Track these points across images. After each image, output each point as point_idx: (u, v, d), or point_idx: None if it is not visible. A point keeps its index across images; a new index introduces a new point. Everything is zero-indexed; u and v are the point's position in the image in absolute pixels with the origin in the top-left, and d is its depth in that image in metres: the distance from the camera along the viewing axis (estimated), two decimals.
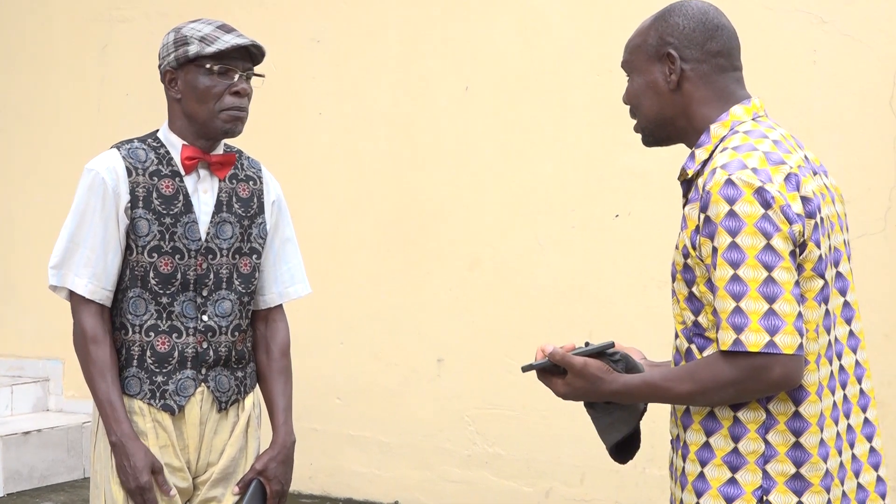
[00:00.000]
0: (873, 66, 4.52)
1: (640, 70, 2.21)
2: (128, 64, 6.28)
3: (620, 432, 2.21)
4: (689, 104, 2.17)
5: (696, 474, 2.08)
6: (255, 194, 2.93)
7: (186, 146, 2.82)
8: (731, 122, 2.14)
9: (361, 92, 5.61)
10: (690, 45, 2.16)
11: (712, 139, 2.13)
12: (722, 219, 1.98)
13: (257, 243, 2.92)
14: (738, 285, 1.96)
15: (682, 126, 2.19)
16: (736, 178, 1.99)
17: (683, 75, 2.16)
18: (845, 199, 4.52)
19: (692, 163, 2.15)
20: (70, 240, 2.79)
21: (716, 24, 2.19)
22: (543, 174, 5.15)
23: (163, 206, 2.79)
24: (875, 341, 4.54)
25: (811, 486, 2.02)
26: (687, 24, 2.17)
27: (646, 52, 2.20)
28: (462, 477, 5.35)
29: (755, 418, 2.03)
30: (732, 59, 2.20)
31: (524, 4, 5.21)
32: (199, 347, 2.82)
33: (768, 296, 1.95)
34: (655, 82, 2.19)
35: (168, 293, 2.79)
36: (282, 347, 3.00)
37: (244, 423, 2.92)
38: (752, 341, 1.94)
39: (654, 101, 2.20)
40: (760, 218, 1.96)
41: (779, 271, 1.96)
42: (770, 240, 1.96)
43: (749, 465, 2.03)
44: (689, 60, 2.16)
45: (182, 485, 2.83)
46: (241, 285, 2.88)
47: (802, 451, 2.02)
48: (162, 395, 2.79)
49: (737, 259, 1.96)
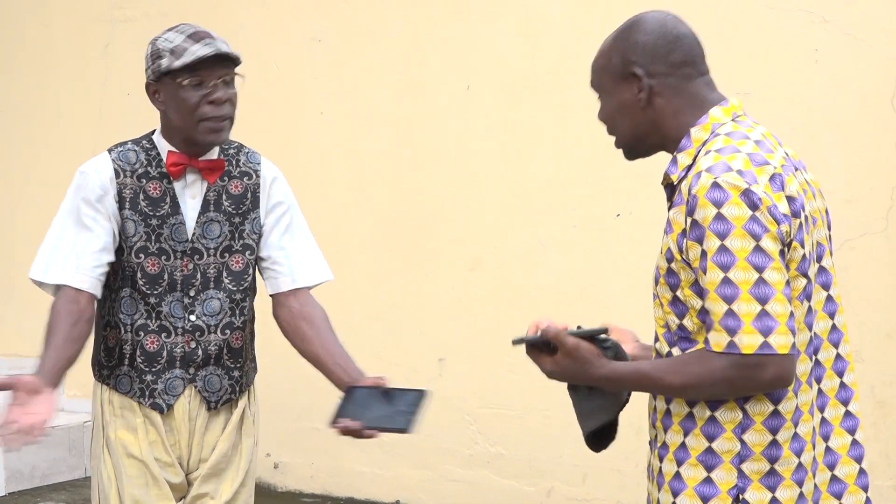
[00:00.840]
0: (875, 65, 4.52)
1: (609, 91, 2.22)
2: (129, 64, 6.27)
3: (599, 420, 2.19)
4: (662, 118, 2.17)
5: (672, 474, 2.09)
6: (250, 189, 2.91)
7: (172, 152, 2.82)
8: (712, 125, 2.14)
9: (362, 92, 5.61)
10: (654, 61, 2.16)
11: (693, 143, 2.13)
12: (710, 222, 1.98)
13: (251, 239, 2.90)
14: (730, 288, 1.96)
15: (660, 139, 2.20)
16: (722, 181, 1.99)
17: (652, 91, 2.16)
18: (847, 199, 4.56)
19: (675, 168, 2.15)
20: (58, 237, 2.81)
21: (675, 34, 2.18)
22: (544, 174, 5.15)
23: (149, 208, 2.80)
24: (876, 341, 4.54)
25: (783, 481, 2.03)
26: (647, 39, 2.17)
27: (611, 72, 2.21)
28: (463, 476, 5.35)
29: (732, 418, 2.04)
30: (697, 65, 2.19)
31: (525, 4, 5.21)
32: (186, 347, 2.82)
33: (760, 297, 1.95)
34: (626, 102, 2.19)
35: (156, 293, 2.80)
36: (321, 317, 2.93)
37: (237, 420, 2.92)
38: (746, 343, 1.95)
39: (627, 119, 2.20)
40: (748, 220, 1.97)
41: (769, 272, 1.96)
42: (759, 241, 1.97)
43: (724, 465, 2.04)
44: (656, 75, 2.16)
45: (174, 480, 2.84)
46: (231, 283, 2.87)
47: (777, 447, 2.04)
48: (151, 394, 2.81)
49: (727, 262, 1.96)
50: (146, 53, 2.81)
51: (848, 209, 4.55)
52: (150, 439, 2.81)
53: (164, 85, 2.77)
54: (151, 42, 2.80)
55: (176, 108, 2.76)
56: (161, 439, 2.82)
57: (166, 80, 2.75)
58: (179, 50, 2.73)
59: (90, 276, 2.77)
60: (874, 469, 4.61)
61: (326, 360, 2.86)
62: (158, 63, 2.75)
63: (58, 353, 2.64)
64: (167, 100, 2.78)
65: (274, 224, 2.93)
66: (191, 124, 2.76)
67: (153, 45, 2.79)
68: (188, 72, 2.72)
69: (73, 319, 2.71)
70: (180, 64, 2.71)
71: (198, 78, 2.73)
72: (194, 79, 2.73)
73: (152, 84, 2.80)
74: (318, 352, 2.88)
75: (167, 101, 2.78)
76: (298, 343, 2.92)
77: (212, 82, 2.74)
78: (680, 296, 2.08)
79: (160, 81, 2.77)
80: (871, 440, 4.55)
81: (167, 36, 2.78)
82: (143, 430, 2.81)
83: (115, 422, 2.82)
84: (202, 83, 2.73)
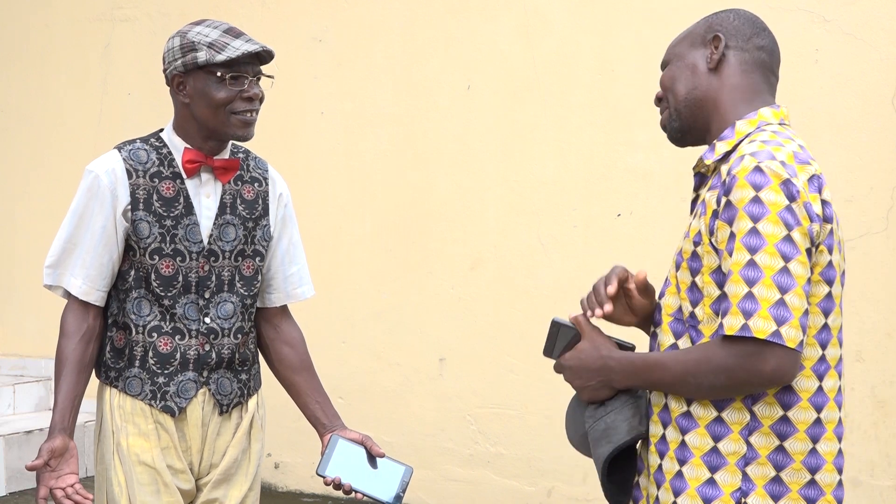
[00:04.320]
0: (875, 65, 4.52)
1: (681, 56, 2.23)
2: (130, 64, 6.28)
3: (613, 443, 2.13)
4: (721, 88, 2.17)
5: (674, 472, 2.07)
6: (261, 196, 2.91)
7: (189, 149, 2.80)
8: (759, 122, 2.14)
9: (363, 91, 5.61)
10: (738, 35, 2.19)
11: (736, 135, 2.12)
12: (746, 204, 1.96)
13: (261, 245, 2.90)
14: (754, 271, 1.93)
15: (709, 112, 2.18)
16: (765, 166, 1.97)
17: (724, 59, 2.18)
18: (847, 199, 4.56)
19: (711, 153, 2.14)
20: (67, 240, 2.78)
21: (764, 27, 2.22)
22: (545, 174, 5.15)
23: (163, 208, 2.77)
24: (876, 340, 4.54)
25: (789, 492, 2.01)
26: (737, 18, 2.21)
27: (691, 40, 2.23)
28: (464, 476, 5.35)
29: (739, 419, 2.02)
30: (773, 62, 2.22)
31: (526, 4, 5.21)
32: (201, 350, 2.81)
33: (782, 286, 1.93)
34: (695, 63, 2.20)
35: (170, 295, 2.78)
36: (303, 343, 3.01)
37: (247, 425, 2.91)
38: (759, 327, 1.92)
39: (689, 80, 2.20)
40: (784, 209, 1.95)
41: (795, 264, 1.94)
42: (791, 231, 1.94)
43: (729, 466, 2.01)
44: (734, 47, 2.18)
45: (185, 486, 2.83)
46: (242, 288, 2.87)
47: (785, 455, 2.01)
48: (163, 397, 2.78)
49: (756, 245, 1.94)
50: (172, 46, 2.77)
51: (848, 209, 4.55)
52: (163, 445, 2.79)
53: (195, 78, 2.74)
54: (180, 35, 2.77)
55: (207, 101, 2.74)
56: (174, 445, 2.80)
57: (199, 73, 2.73)
58: (220, 44, 2.72)
59: (97, 288, 2.77)
60: (874, 469, 4.62)
61: (308, 394, 2.97)
62: (193, 55, 2.72)
63: (73, 390, 2.73)
64: (195, 93, 2.75)
65: (278, 240, 2.96)
66: (222, 118, 2.74)
67: (184, 38, 2.75)
68: (228, 66, 2.72)
69: (85, 341, 2.76)
70: (223, 58, 2.70)
71: (237, 73, 2.73)
72: (234, 73, 2.73)
73: (179, 76, 2.77)
74: (299, 383, 2.98)
75: (195, 94, 2.75)
76: (277, 365, 3.00)
77: (248, 79, 2.75)
78: (698, 282, 2.06)
79: (191, 74, 2.75)
80: (871, 440, 4.55)
81: (199, 30, 2.76)
82: (154, 436, 2.78)
83: (126, 427, 2.79)
84: (239, 78, 2.74)
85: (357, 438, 2.84)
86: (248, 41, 2.75)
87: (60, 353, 2.76)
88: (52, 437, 2.68)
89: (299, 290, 3.00)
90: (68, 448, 2.68)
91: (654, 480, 2.11)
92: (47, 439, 2.68)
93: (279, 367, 2.99)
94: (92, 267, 2.76)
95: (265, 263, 2.94)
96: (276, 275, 2.96)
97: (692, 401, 2.06)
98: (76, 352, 2.75)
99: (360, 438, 2.84)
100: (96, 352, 2.80)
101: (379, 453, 2.81)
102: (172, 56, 2.77)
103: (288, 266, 2.97)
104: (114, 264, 2.78)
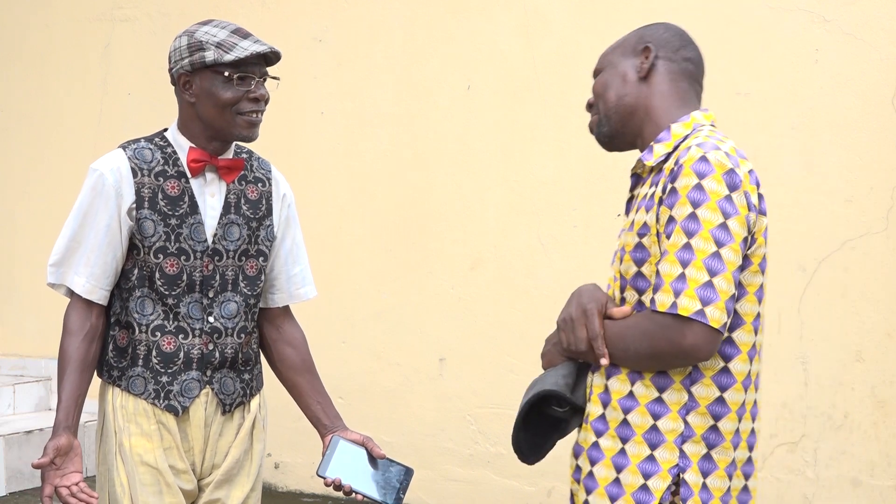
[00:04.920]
0: (875, 65, 4.52)
1: (612, 64, 2.35)
2: (130, 63, 6.28)
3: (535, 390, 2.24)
4: (652, 96, 2.28)
5: (616, 450, 2.17)
6: (264, 196, 2.91)
7: (193, 149, 2.80)
8: (693, 124, 2.24)
9: (363, 91, 5.61)
10: (666, 46, 2.31)
11: (673, 137, 2.23)
12: (689, 191, 2.07)
13: (264, 245, 2.90)
14: (688, 253, 2.05)
15: (641, 119, 2.29)
16: (710, 156, 2.08)
17: (654, 68, 2.29)
18: (847, 199, 4.56)
19: (650, 155, 2.24)
20: (71, 238, 2.78)
21: (690, 40, 2.34)
22: (545, 173, 5.15)
23: (168, 207, 2.77)
24: (876, 340, 4.54)
25: (716, 470, 2.13)
26: (667, 31, 2.34)
27: (623, 49, 2.35)
28: (464, 476, 5.36)
29: (678, 399, 2.12)
30: (699, 73, 2.34)
31: (526, 4, 5.21)
32: (204, 349, 2.81)
33: (711, 269, 2.04)
34: (626, 72, 2.32)
35: (174, 294, 2.78)
36: (305, 343, 3.03)
37: (249, 426, 2.91)
38: (685, 305, 2.04)
39: (620, 88, 2.31)
40: (724, 198, 2.06)
41: (727, 250, 2.05)
42: (727, 219, 2.06)
43: (667, 444, 2.12)
44: (663, 58, 2.30)
45: (187, 487, 2.83)
46: (246, 287, 2.87)
47: (717, 434, 2.13)
48: (166, 396, 2.79)
49: (692, 229, 2.06)
50: (179, 45, 2.77)
51: (848, 209, 4.55)
52: (165, 446, 2.79)
53: (202, 77, 2.74)
54: (187, 34, 2.77)
55: (213, 101, 2.74)
56: (176, 445, 2.79)
57: (206, 72, 2.73)
58: (228, 44, 2.72)
59: (101, 287, 2.76)
60: (874, 469, 4.62)
61: (310, 394, 2.98)
62: (201, 55, 2.72)
63: (76, 389, 2.73)
64: (201, 92, 2.75)
65: (282, 241, 2.96)
66: (228, 118, 2.75)
67: (191, 37, 2.75)
68: (236, 67, 2.72)
69: (88, 339, 2.76)
70: (231, 58, 2.70)
71: (244, 73, 2.73)
72: (241, 74, 2.73)
73: (186, 75, 2.77)
74: (301, 384, 2.99)
75: (201, 93, 2.75)
76: (279, 365, 3.01)
77: (255, 79, 2.75)
78: (645, 271, 2.17)
79: (197, 73, 2.74)
80: (872, 440, 4.55)
81: (207, 29, 2.76)
82: (157, 436, 2.78)
83: (129, 428, 2.79)
84: (246, 79, 2.74)
85: (358, 440, 2.85)
86: (256, 42, 2.75)
87: (64, 351, 2.76)
88: (56, 435, 2.68)
89: (302, 290, 3.01)
90: (73, 446, 2.68)
91: (588, 458, 2.21)
92: (52, 437, 2.68)
93: (281, 367, 3.00)
94: (96, 265, 2.75)
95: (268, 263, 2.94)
96: (279, 275, 2.97)
97: (635, 381, 2.16)
98: (79, 350, 2.75)
99: (360, 440, 2.85)
100: (99, 350, 2.80)
101: (380, 455, 2.82)
102: (179, 55, 2.77)
103: (291, 266, 2.98)
104: (118, 263, 2.78)
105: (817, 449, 4.63)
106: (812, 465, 4.64)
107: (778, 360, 4.63)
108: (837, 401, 4.59)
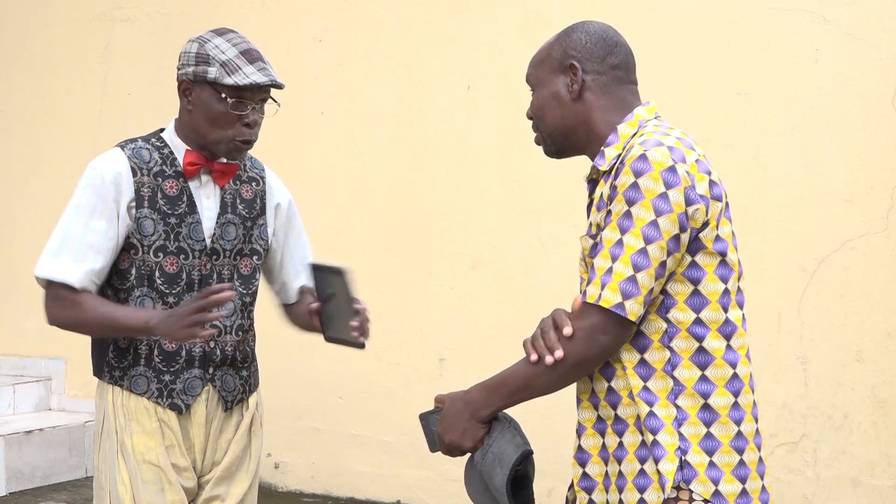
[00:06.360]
0: (875, 65, 4.52)
1: (543, 83, 2.36)
2: (130, 64, 6.28)
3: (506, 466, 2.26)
4: (590, 112, 2.31)
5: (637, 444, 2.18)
6: (258, 195, 2.93)
7: (189, 152, 2.81)
8: (638, 121, 2.28)
9: (363, 91, 5.61)
10: (591, 58, 2.32)
11: (621, 138, 2.26)
12: (626, 189, 2.14)
13: (258, 244, 2.93)
14: (619, 249, 2.13)
15: (584, 134, 2.33)
16: (649, 155, 2.14)
17: (585, 86, 2.31)
18: (847, 199, 4.56)
19: (603, 160, 2.27)
20: (66, 234, 2.77)
21: (615, 41, 2.36)
22: (545, 173, 5.15)
23: (167, 207, 2.79)
24: (876, 340, 4.54)
25: (721, 447, 2.16)
26: (588, 39, 2.35)
27: (549, 65, 2.35)
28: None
29: (664, 386, 2.17)
30: (629, 73, 2.35)
31: (526, 4, 5.21)
32: (206, 347, 2.83)
33: (636, 265, 2.11)
34: (558, 92, 2.33)
35: (174, 293, 2.79)
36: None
37: (248, 423, 2.93)
38: (607, 297, 2.12)
39: (556, 110, 2.34)
40: (658, 196, 2.12)
41: (653, 247, 2.11)
42: (658, 217, 2.11)
43: (666, 428, 2.15)
44: (590, 72, 2.32)
45: (188, 484, 2.84)
46: (241, 286, 2.89)
47: (711, 411, 2.16)
48: (169, 395, 2.80)
49: (626, 226, 2.13)
50: (189, 50, 2.77)
51: (848, 209, 4.55)
52: (167, 443, 2.80)
53: (201, 89, 2.75)
54: (198, 41, 2.77)
55: (207, 117, 2.75)
56: (177, 443, 2.81)
57: (206, 86, 2.74)
58: (232, 66, 2.72)
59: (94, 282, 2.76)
60: (874, 469, 4.62)
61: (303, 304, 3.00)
62: (205, 69, 2.73)
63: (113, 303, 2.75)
64: (199, 104, 2.76)
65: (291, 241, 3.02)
66: (217, 137, 2.76)
67: (201, 47, 2.75)
68: (234, 91, 2.72)
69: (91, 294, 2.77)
70: (231, 82, 2.71)
71: (241, 99, 2.74)
72: (238, 99, 2.73)
73: (187, 82, 2.78)
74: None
75: (198, 105, 2.76)
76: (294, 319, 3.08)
77: (251, 106, 2.75)
78: None
79: (198, 84, 2.75)
80: (872, 440, 4.55)
81: (218, 43, 2.76)
82: (158, 434, 2.79)
83: (130, 426, 2.80)
84: (242, 104, 2.74)
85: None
86: (260, 69, 2.74)
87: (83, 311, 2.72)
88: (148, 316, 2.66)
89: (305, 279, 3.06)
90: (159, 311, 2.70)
91: (616, 459, 2.21)
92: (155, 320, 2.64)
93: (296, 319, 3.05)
94: (91, 261, 2.75)
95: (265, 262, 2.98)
96: (297, 267, 3.03)
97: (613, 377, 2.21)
98: (93, 297, 2.74)
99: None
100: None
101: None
102: (187, 60, 2.78)
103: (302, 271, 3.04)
104: (110, 259, 2.77)
105: (817, 449, 4.63)
106: (812, 465, 4.64)
107: (778, 360, 4.63)
108: (837, 401, 4.59)
